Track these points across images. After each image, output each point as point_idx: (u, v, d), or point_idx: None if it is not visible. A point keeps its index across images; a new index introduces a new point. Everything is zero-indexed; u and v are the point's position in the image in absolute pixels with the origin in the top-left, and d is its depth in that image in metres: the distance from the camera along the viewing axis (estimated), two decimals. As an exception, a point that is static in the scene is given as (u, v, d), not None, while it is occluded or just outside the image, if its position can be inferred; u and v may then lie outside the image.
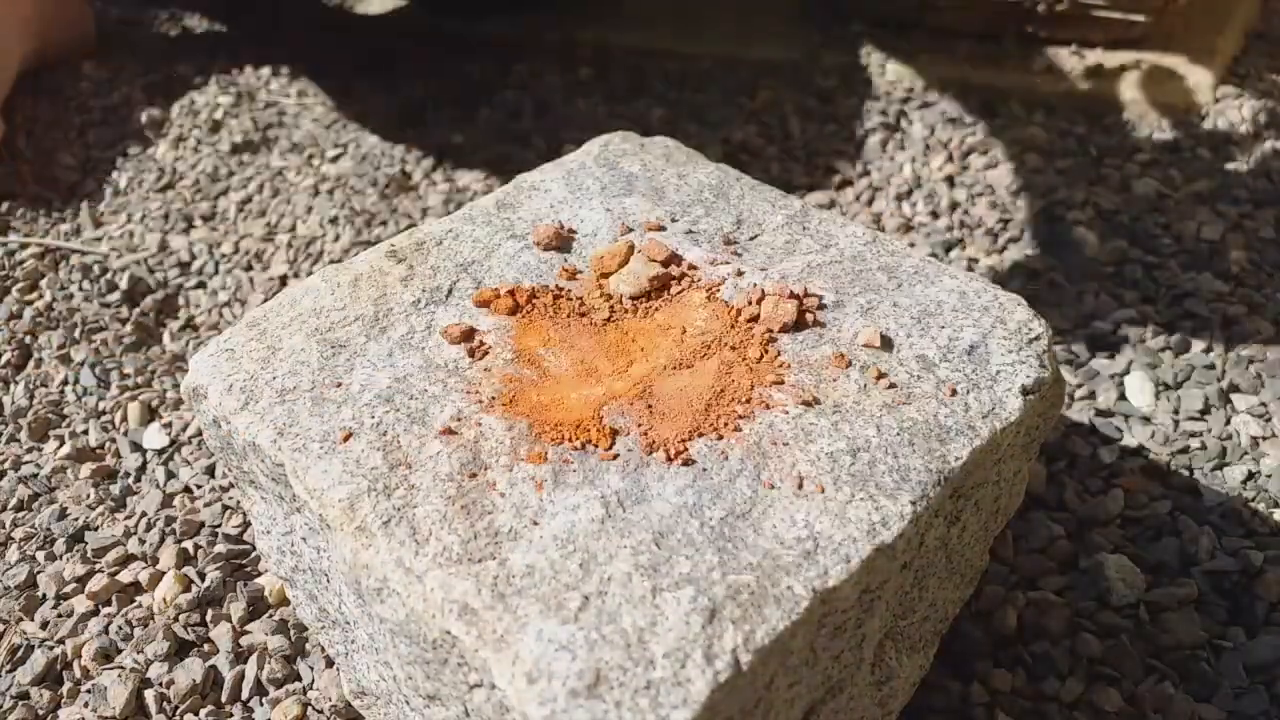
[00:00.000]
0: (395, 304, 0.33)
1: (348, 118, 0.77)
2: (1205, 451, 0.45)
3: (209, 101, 0.79)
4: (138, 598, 0.43)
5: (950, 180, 0.64)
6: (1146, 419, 0.47)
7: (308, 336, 0.32)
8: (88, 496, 0.47)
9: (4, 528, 0.47)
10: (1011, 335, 0.31)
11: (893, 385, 0.29)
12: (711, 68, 0.79)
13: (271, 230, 0.65)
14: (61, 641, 0.41)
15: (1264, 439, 0.45)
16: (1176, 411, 0.47)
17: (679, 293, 0.34)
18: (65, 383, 0.54)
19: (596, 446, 0.28)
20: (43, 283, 0.61)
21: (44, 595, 0.43)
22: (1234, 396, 0.47)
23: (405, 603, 0.25)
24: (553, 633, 0.23)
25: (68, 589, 0.43)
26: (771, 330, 0.31)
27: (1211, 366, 0.49)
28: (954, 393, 0.29)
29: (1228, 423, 0.46)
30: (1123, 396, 0.48)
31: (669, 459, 0.27)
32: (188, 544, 0.44)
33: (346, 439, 0.29)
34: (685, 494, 0.26)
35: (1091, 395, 0.48)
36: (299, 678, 0.39)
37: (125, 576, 0.43)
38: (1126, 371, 0.49)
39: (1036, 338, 0.31)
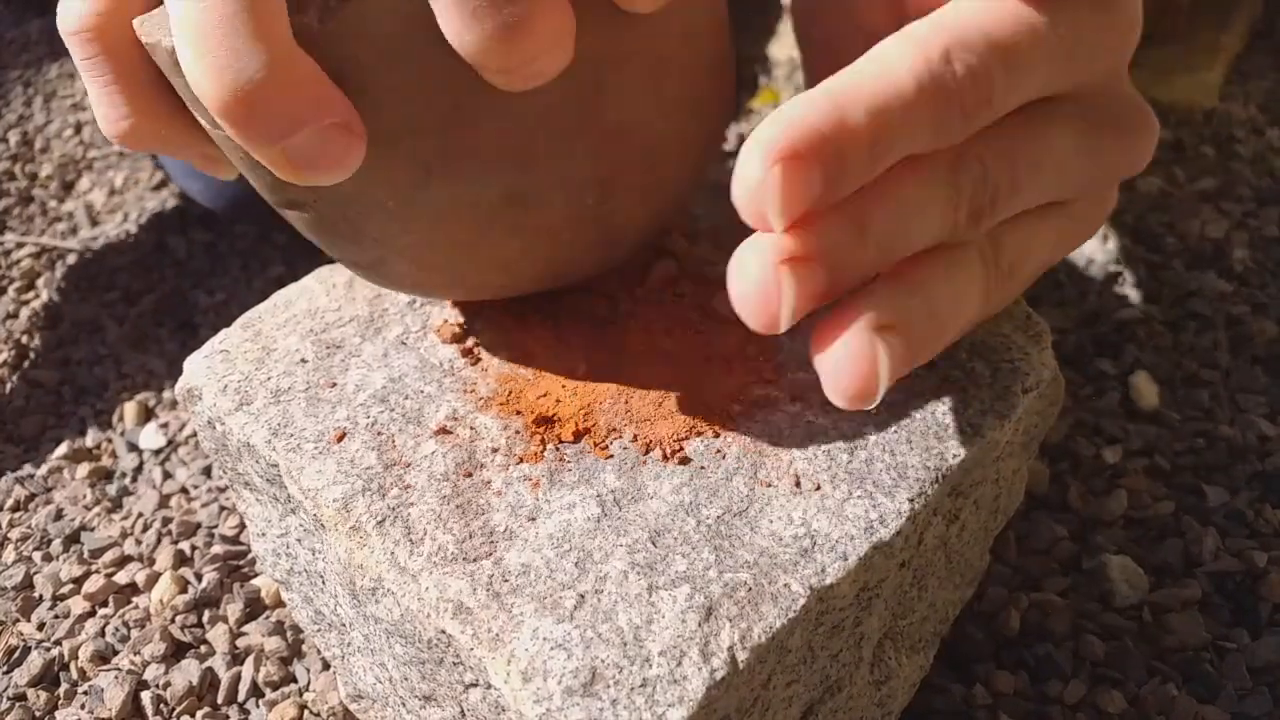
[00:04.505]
0: (390, 304, 0.33)
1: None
2: (1209, 452, 0.44)
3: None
4: (134, 599, 0.42)
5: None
6: (1150, 419, 0.46)
7: (302, 337, 0.32)
8: (84, 497, 0.47)
9: (0, 528, 0.46)
10: (1011, 333, 0.31)
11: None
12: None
13: (268, 231, 0.65)
14: (58, 643, 0.41)
15: (1268, 439, 0.45)
16: (1180, 411, 0.46)
17: (679, 292, 0.33)
18: (62, 383, 0.54)
19: (593, 445, 0.28)
20: (39, 282, 0.61)
21: (41, 596, 0.43)
22: (1238, 396, 0.47)
23: (400, 602, 0.25)
24: (548, 631, 0.23)
25: (64, 590, 0.43)
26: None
27: (1216, 366, 0.49)
28: (952, 389, 0.29)
29: (1232, 423, 0.46)
30: (1126, 396, 0.47)
31: (665, 458, 0.27)
32: (184, 545, 0.44)
33: (341, 439, 0.28)
34: (681, 492, 0.26)
35: (1095, 395, 0.48)
36: (295, 680, 0.39)
37: (122, 578, 0.43)
38: (1130, 371, 0.49)
39: (1035, 335, 0.31)
